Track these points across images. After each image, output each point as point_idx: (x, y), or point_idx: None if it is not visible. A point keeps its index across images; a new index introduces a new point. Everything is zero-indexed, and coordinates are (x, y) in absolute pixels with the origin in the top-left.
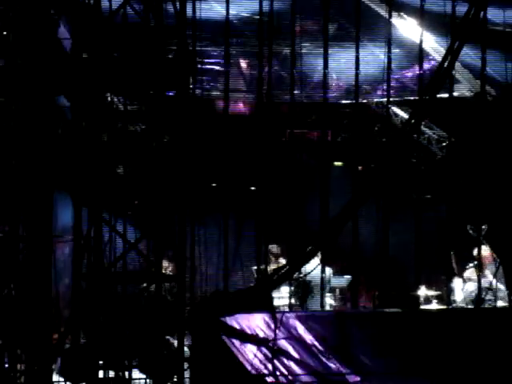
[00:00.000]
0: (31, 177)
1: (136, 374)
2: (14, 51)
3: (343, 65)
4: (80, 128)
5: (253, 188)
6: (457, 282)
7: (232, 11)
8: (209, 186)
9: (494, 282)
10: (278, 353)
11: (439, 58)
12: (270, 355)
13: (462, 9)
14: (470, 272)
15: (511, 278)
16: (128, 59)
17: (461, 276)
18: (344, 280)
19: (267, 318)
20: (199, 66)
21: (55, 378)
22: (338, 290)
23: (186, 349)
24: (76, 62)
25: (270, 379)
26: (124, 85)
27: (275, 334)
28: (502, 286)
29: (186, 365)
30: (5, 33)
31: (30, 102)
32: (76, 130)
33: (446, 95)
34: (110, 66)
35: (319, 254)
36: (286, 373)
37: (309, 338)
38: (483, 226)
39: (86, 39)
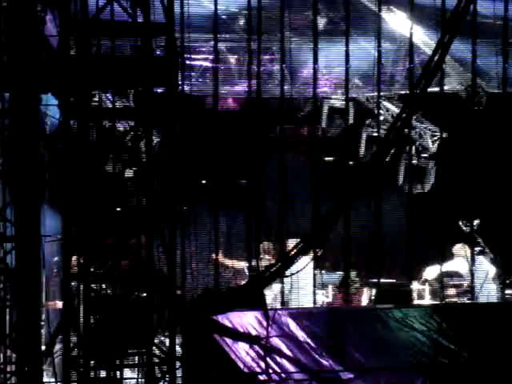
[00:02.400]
0: (19, 175)
1: (128, 373)
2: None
3: (333, 59)
4: (68, 125)
5: (243, 181)
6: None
7: (220, 6)
8: (198, 183)
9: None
10: (270, 350)
11: (429, 52)
12: (262, 353)
13: (451, 2)
14: (458, 249)
15: (504, 272)
16: (116, 56)
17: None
18: (336, 276)
19: (259, 316)
20: (188, 62)
21: (46, 378)
22: (330, 287)
23: (177, 348)
24: (63, 59)
25: (262, 377)
26: (112, 82)
27: (267, 332)
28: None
29: (178, 364)
30: None
31: (18, 100)
32: (64, 127)
33: (437, 89)
34: (98, 64)
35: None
36: (278, 370)
37: (301, 334)
38: (475, 221)
39: (73, 36)
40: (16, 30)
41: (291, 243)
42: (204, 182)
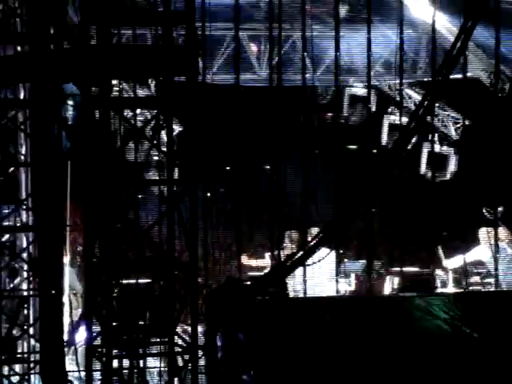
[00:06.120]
0: (41, 165)
1: (151, 362)
2: (22, 38)
3: (355, 47)
4: (89, 115)
5: (268, 167)
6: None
7: None
8: (222, 169)
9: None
10: None
11: (452, 38)
12: None
13: None
14: (483, 233)
15: None
16: (136, 45)
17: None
18: (359, 265)
19: None
20: (208, 50)
21: (69, 367)
22: (352, 275)
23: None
24: (84, 48)
25: None
26: (133, 71)
27: None
28: None
29: (200, 353)
30: (13, 20)
31: (39, 90)
32: (85, 116)
33: (460, 76)
34: (119, 53)
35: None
36: None
37: None
38: (499, 208)
39: (94, 24)
40: (37, 19)
41: (314, 232)
42: (228, 168)
